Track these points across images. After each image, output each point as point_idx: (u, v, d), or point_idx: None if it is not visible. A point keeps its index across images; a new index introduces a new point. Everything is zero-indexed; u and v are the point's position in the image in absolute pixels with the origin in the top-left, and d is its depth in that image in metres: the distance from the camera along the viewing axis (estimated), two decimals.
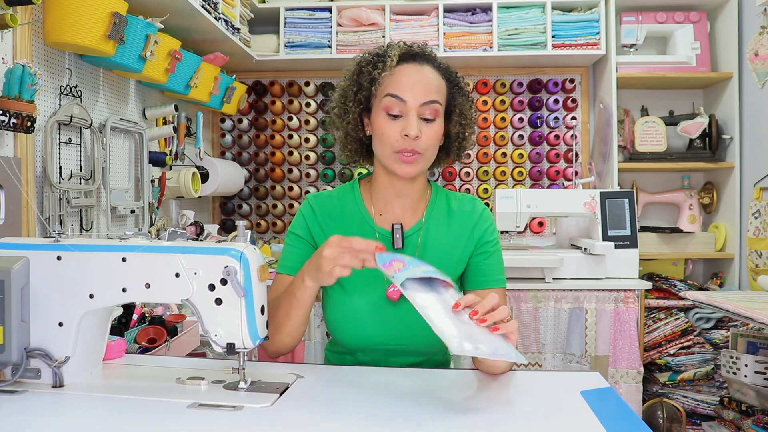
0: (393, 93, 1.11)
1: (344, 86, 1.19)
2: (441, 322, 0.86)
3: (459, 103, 1.19)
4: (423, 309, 0.88)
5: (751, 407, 1.98)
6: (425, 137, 1.12)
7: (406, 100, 1.10)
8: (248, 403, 0.88)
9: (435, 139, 1.14)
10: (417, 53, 1.16)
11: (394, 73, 1.12)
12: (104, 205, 1.89)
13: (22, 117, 1.40)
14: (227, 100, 2.57)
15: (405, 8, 2.71)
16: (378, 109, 1.14)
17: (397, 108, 1.11)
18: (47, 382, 0.95)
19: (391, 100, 1.11)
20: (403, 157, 1.11)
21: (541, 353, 2.23)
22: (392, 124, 1.12)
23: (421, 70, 1.13)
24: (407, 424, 0.83)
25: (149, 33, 1.78)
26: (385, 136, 1.12)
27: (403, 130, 1.10)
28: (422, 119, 1.12)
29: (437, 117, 1.14)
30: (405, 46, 1.16)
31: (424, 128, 1.12)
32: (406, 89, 1.11)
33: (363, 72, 1.15)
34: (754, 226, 2.42)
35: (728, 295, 1.95)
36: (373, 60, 1.15)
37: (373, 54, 1.17)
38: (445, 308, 0.90)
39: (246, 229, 0.96)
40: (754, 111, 2.53)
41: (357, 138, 1.21)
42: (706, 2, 2.74)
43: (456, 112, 1.19)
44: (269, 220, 3.05)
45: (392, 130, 1.11)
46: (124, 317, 1.59)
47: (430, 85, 1.12)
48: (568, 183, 2.92)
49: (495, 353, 0.84)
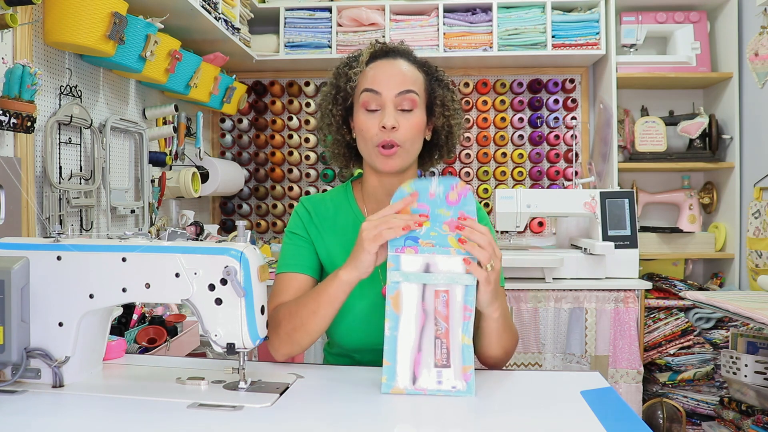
0: (368, 87, 1.12)
1: (325, 92, 1.21)
2: (402, 354, 0.92)
3: (440, 94, 1.18)
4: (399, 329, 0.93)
5: (751, 407, 1.98)
6: (403, 128, 1.11)
7: (381, 91, 1.11)
8: (248, 403, 0.88)
9: (414, 129, 1.13)
10: (390, 49, 1.17)
11: (369, 69, 1.14)
12: (104, 205, 1.89)
13: (22, 117, 1.40)
14: (227, 100, 2.57)
15: (405, 8, 2.71)
16: (357, 107, 1.15)
17: (374, 102, 1.12)
18: (47, 382, 0.95)
19: (367, 94, 1.12)
20: (383, 150, 1.11)
21: (541, 353, 2.23)
22: (370, 117, 1.12)
23: (395, 63, 1.15)
24: (407, 424, 0.83)
25: (149, 33, 1.78)
26: (364, 131, 1.13)
27: (380, 122, 1.10)
28: (400, 111, 1.12)
29: (415, 107, 1.13)
30: (378, 44, 1.18)
31: (402, 119, 1.11)
32: (380, 82, 1.12)
33: (340, 74, 1.17)
34: (754, 226, 2.42)
35: (728, 295, 1.95)
36: (348, 61, 1.18)
37: (349, 56, 1.19)
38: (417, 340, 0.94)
39: (246, 229, 0.96)
40: (754, 111, 2.53)
41: (344, 142, 1.21)
42: (706, 2, 2.74)
43: (438, 104, 1.18)
44: (269, 220, 3.05)
45: (371, 124, 1.12)
46: (124, 317, 1.59)
47: (405, 75, 1.13)
48: (568, 183, 2.92)
49: (436, 389, 0.91)
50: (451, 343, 0.92)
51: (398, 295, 0.94)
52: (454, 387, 0.91)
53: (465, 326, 0.92)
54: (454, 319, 0.93)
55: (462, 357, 0.91)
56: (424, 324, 0.93)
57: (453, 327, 0.92)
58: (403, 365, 0.92)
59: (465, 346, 0.92)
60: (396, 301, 0.94)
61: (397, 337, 0.93)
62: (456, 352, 0.92)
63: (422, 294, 0.94)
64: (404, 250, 0.94)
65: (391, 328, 0.93)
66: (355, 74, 1.14)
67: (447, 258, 0.94)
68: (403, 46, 1.20)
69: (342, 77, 1.17)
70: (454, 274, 0.93)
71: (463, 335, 0.92)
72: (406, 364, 0.92)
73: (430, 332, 0.93)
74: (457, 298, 0.93)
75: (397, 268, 0.94)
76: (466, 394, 0.91)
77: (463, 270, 0.93)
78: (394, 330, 0.93)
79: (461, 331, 0.92)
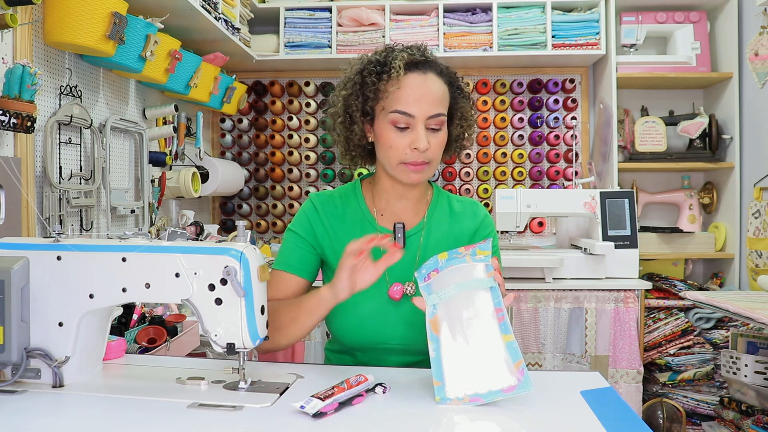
0: (401, 109, 1.10)
1: (346, 95, 1.17)
2: (449, 372, 0.92)
3: (461, 106, 1.20)
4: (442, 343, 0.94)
5: (751, 407, 1.98)
6: (433, 146, 1.13)
7: (414, 114, 1.10)
8: (248, 403, 0.88)
9: (441, 147, 1.16)
10: (420, 61, 1.14)
11: (400, 86, 1.11)
12: (104, 205, 1.89)
13: (22, 117, 1.40)
14: (227, 100, 2.57)
15: (405, 8, 2.71)
16: (384, 121, 1.13)
17: (404, 121, 1.11)
18: (47, 382, 0.95)
19: (398, 115, 1.11)
20: (411, 167, 1.12)
21: (541, 353, 2.23)
22: (400, 136, 1.12)
23: (426, 81, 1.12)
24: (407, 424, 0.83)
25: (149, 33, 1.78)
26: (393, 150, 1.12)
27: (412, 143, 1.10)
28: (429, 129, 1.13)
29: (443, 126, 1.15)
30: (408, 53, 1.13)
31: (431, 138, 1.13)
32: (412, 103, 1.10)
33: (367, 82, 1.13)
34: (754, 226, 2.42)
35: (728, 295, 1.95)
36: (377, 69, 1.13)
37: (375, 62, 1.14)
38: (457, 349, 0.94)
39: (246, 229, 0.96)
40: (754, 111, 2.53)
41: (360, 145, 1.21)
42: (706, 2, 2.74)
43: (458, 115, 1.20)
44: (269, 220, 3.05)
45: (400, 143, 1.12)
46: (124, 317, 1.59)
47: (436, 96, 1.12)
48: (568, 183, 2.91)
49: (481, 399, 0.90)
50: (494, 346, 0.92)
51: (436, 318, 0.95)
52: (510, 387, 0.90)
53: (503, 326, 0.93)
54: (489, 325, 0.93)
55: (510, 355, 0.91)
56: (464, 337, 0.93)
57: (491, 332, 0.93)
58: (452, 382, 0.91)
59: (509, 344, 0.92)
60: (435, 324, 0.95)
61: (442, 356, 0.93)
62: (500, 353, 0.91)
63: (456, 309, 0.95)
64: (430, 277, 0.98)
65: (435, 349, 0.94)
66: (386, 87, 1.11)
67: (465, 266, 0.97)
68: (429, 53, 1.17)
69: (369, 86, 1.12)
70: (475, 279, 0.95)
71: (504, 335, 0.92)
72: (455, 380, 0.91)
73: (471, 343, 0.93)
74: (486, 303, 0.94)
75: (430, 293, 0.97)
76: (523, 389, 0.89)
77: (484, 275, 0.96)
78: (437, 351, 0.93)
79: (500, 332, 0.92)
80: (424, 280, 0.99)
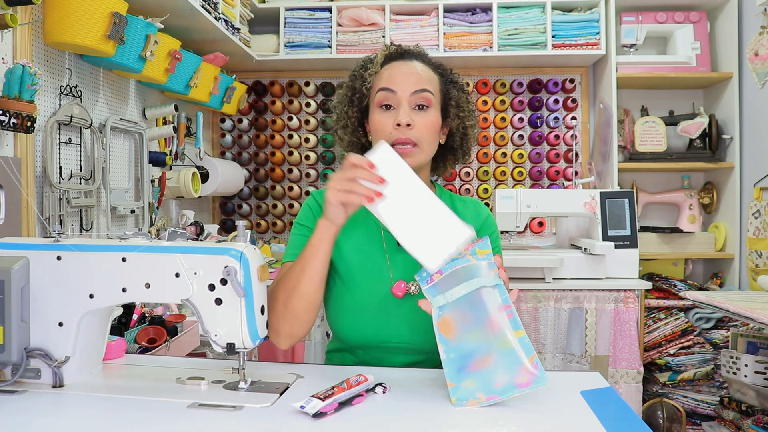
0: (384, 86, 1.14)
1: (341, 94, 1.24)
2: (461, 372, 0.92)
3: (454, 96, 1.20)
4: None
5: (751, 407, 1.98)
6: (419, 126, 1.12)
7: (396, 90, 1.13)
8: (248, 403, 0.88)
9: (430, 128, 1.14)
10: (405, 51, 1.20)
11: (384, 70, 1.16)
12: (104, 205, 1.89)
13: (22, 117, 1.40)
14: (227, 100, 2.57)
15: (405, 8, 2.71)
16: (372, 106, 1.17)
17: (389, 100, 1.13)
18: (47, 382, 0.95)
19: (382, 93, 1.14)
20: (398, 149, 1.11)
21: (541, 353, 2.23)
22: (385, 116, 1.14)
23: (410, 64, 1.17)
24: (407, 424, 0.83)
25: (149, 33, 1.78)
26: (379, 129, 1.14)
27: (395, 120, 1.11)
28: (415, 109, 1.13)
29: (431, 106, 1.14)
30: (393, 46, 1.21)
31: (417, 117, 1.13)
32: (395, 81, 1.14)
33: (355, 76, 1.20)
34: (754, 226, 2.42)
35: (728, 295, 1.95)
36: (364, 63, 1.21)
37: (365, 59, 1.22)
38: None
39: (246, 229, 0.96)
40: (754, 111, 2.53)
41: (360, 144, 1.23)
42: (706, 2, 2.74)
43: (452, 105, 1.20)
44: (269, 220, 3.05)
45: (386, 122, 1.13)
46: (124, 317, 1.59)
47: (420, 75, 1.15)
48: (568, 183, 2.91)
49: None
50: (504, 344, 0.92)
51: (444, 320, 0.95)
52: (526, 382, 0.89)
53: (513, 322, 0.92)
54: (498, 322, 0.93)
55: (523, 350, 0.91)
56: (474, 336, 0.93)
57: (501, 329, 0.92)
58: (466, 382, 0.91)
59: (521, 339, 0.91)
60: (444, 325, 0.94)
61: (454, 358, 0.93)
62: (513, 349, 0.91)
63: (464, 308, 0.95)
64: (433, 278, 0.97)
65: (446, 351, 0.93)
66: (371, 75, 1.17)
67: (469, 265, 0.96)
68: (417, 48, 1.22)
69: (358, 79, 1.19)
70: (481, 277, 0.95)
71: (515, 331, 0.92)
72: (469, 379, 0.91)
73: (483, 341, 0.93)
74: (494, 300, 0.94)
75: (435, 294, 0.96)
76: (539, 384, 0.89)
77: (489, 273, 0.95)
78: (449, 353, 0.93)
79: (511, 328, 0.92)
80: (427, 283, 0.98)
